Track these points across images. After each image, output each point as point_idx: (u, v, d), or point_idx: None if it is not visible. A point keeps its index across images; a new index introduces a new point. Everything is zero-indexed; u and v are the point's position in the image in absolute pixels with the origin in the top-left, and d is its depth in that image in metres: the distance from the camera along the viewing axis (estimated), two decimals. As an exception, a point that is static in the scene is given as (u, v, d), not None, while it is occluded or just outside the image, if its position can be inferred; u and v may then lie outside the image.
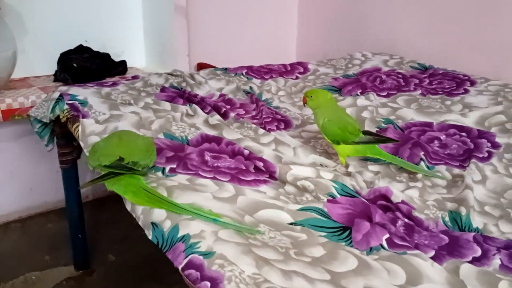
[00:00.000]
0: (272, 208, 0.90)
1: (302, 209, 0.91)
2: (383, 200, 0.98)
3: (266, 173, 1.06)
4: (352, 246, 0.84)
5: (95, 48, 2.10)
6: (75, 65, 1.94)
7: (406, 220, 0.93)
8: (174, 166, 1.02)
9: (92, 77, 1.92)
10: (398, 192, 1.00)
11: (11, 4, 1.87)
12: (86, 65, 1.96)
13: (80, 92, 1.39)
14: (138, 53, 2.27)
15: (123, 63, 2.13)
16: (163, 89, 1.53)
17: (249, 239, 0.78)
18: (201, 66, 2.19)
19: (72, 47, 2.06)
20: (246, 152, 1.11)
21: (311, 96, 1.16)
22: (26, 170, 1.96)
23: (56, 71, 1.99)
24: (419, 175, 1.11)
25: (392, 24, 2.08)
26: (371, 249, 0.83)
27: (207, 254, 0.72)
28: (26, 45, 1.97)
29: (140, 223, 0.86)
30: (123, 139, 0.99)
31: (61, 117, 1.34)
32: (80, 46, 2.08)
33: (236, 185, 0.98)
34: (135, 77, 1.65)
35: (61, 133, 1.48)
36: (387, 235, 0.86)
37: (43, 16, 1.99)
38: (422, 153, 1.19)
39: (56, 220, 1.99)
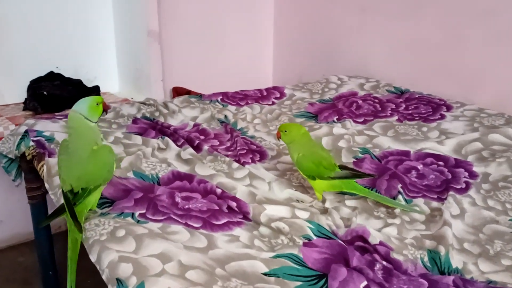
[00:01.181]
0: (245, 260, 0.86)
1: (276, 256, 0.88)
2: (360, 241, 0.95)
3: (240, 213, 1.02)
4: (328, 296, 0.80)
5: (67, 74, 2.05)
6: (45, 93, 1.88)
7: (384, 263, 0.90)
8: (144, 211, 0.98)
9: (63, 105, 1.86)
10: (375, 232, 0.97)
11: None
12: (56, 93, 1.90)
13: (47, 127, 1.34)
14: (112, 78, 2.22)
15: (96, 88, 2.08)
16: (135, 121, 1.49)
17: (220, 295, 0.74)
18: (177, 91, 2.15)
19: (42, 74, 2.00)
20: (218, 191, 1.07)
21: (285, 131, 1.13)
22: (-5, 202, 1.88)
23: (25, 99, 1.93)
24: (397, 210, 1.08)
25: (364, 48, 2.08)
26: (348, 299, 0.80)
27: (174, 317, 0.68)
28: (-6, 73, 1.92)
29: (104, 277, 0.81)
30: (78, 156, 0.93)
31: (26, 154, 1.29)
32: (51, 72, 2.02)
33: (209, 233, 0.94)
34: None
35: (28, 168, 1.42)
36: (365, 283, 0.83)
37: (11, 42, 1.93)
38: (400, 185, 1.16)
39: (27, 253, 1.91)
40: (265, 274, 0.83)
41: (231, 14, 2.36)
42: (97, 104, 0.95)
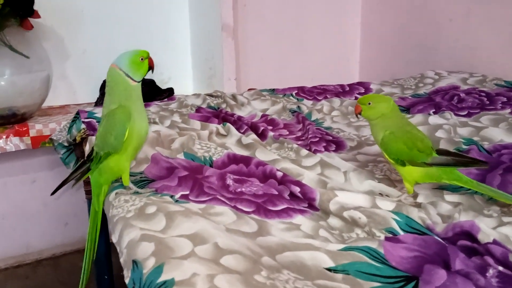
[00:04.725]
0: (305, 250, 0.64)
1: (347, 249, 0.65)
2: (466, 240, 0.70)
3: (304, 201, 0.81)
4: (420, 305, 0.57)
5: (140, 75, 1.97)
6: (115, 90, 1.81)
7: (500, 268, 0.64)
8: (187, 192, 0.80)
9: (133, 103, 1.78)
10: (487, 228, 0.71)
11: (52, 27, 1.79)
12: (127, 91, 1.82)
13: (102, 110, 1.22)
14: (186, 80, 2.12)
15: (169, 90, 1.98)
16: (198, 110, 1.34)
17: (261, 289, 0.53)
18: (252, 93, 1.99)
19: (116, 74, 1.94)
20: (279, 174, 0.87)
21: (369, 103, 0.89)
22: (61, 202, 1.82)
23: (97, 98, 1.87)
24: (516, 209, 0.81)
25: (470, 40, 1.79)
26: (449, 311, 0.55)
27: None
28: (68, 70, 1.88)
29: (121, 261, 0.64)
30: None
31: (77, 137, 1.18)
32: (124, 72, 1.96)
33: (261, 219, 0.74)
34: (171, 99, 1.48)
35: (84, 157, 1.31)
36: (474, 290, 0.58)
37: (86, 41, 1.89)
38: (519, 180, 0.89)
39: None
40: (330, 269, 0.61)
41: (314, 9, 2.15)
42: (141, 59, 0.80)
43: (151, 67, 0.82)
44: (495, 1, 1.69)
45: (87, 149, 1.04)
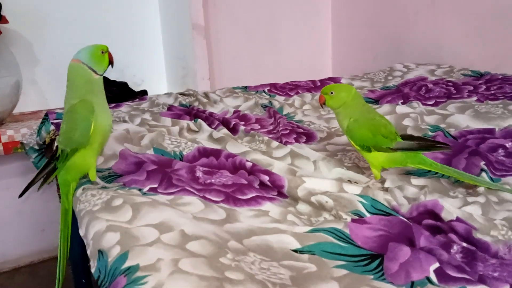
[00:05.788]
0: (272, 234, 0.65)
1: (313, 231, 0.66)
2: (430, 219, 0.72)
3: (274, 189, 0.82)
4: (384, 280, 0.58)
5: (113, 77, 1.96)
6: (87, 94, 1.80)
7: (464, 244, 0.66)
8: (156, 185, 0.80)
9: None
10: (451, 207, 0.73)
11: (20, 33, 1.77)
12: (99, 94, 1.81)
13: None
14: (160, 80, 2.12)
15: (142, 92, 1.98)
16: (170, 108, 1.34)
17: (225, 271, 0.53)
18: (226, 92, 2.00)
19: (88, 78, 1.93)
20: (249, 164, 0.88)
21: (332, 93, 0.91)
22: (37, 209, 1.80)
23: (70, 102, 1.86)
24: (481, 189, 0.83)
25: (437, 33, 1.82)
26: (412, 284, 0.57)
27: (155, 293, 0.49)
28: (39, 75, 1.86)
29: (88, 252, 0.63)
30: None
31: (46, 139, 1.17)
32: (96, 75, 1.94)
33: (230, 207, 0.74)
34: (142, 99, 1.48)
35: (55, 161, 1.30)
36: (437, 264, 0.59)
37: (56, 45, 1.88)
38: (483, 162, 0.91)
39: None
40: (296, 251, 0.62)
41: (285, 6, 2.18)
42: (102, 52, 0.80)
43: (110, 62, 0.82)
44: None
45: (54, 149, 1.03)
